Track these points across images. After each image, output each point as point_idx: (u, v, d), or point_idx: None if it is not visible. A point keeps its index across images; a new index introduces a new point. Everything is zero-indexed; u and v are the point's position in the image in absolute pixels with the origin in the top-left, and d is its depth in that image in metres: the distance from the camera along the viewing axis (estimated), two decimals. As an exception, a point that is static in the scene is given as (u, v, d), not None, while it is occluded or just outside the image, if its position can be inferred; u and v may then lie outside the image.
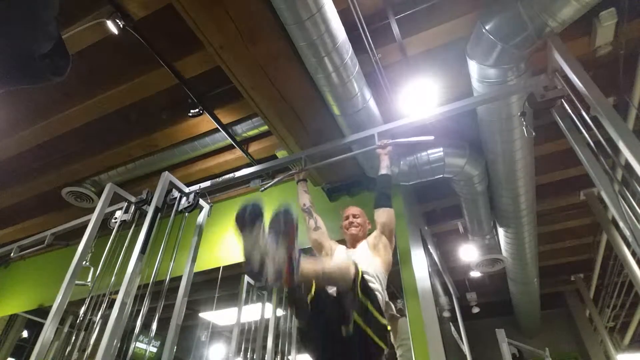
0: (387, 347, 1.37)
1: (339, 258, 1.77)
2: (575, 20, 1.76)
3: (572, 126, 1.68)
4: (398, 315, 2.18)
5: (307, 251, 2.04)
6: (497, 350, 3.44)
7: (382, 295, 1.53)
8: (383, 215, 1.79)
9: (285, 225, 1.05)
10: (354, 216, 1.94)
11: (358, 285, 1.27)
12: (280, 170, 2.52)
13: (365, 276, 1.42)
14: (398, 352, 2.19)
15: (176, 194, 2.38)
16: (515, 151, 2.50)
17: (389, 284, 1.69)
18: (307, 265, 1.12)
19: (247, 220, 1.06)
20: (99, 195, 3.19)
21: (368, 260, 1.66)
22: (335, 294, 1.36)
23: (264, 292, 3.35)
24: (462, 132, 2.71)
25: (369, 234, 1.90)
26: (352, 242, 1.88)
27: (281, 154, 2.90)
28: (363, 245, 1.80)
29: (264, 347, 3.22)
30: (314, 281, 1.26)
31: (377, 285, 1.53)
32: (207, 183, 2.41)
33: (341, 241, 1.98)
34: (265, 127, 2.64)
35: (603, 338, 5.31)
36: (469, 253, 3.80)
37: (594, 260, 4.78)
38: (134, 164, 3.17)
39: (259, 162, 2.99)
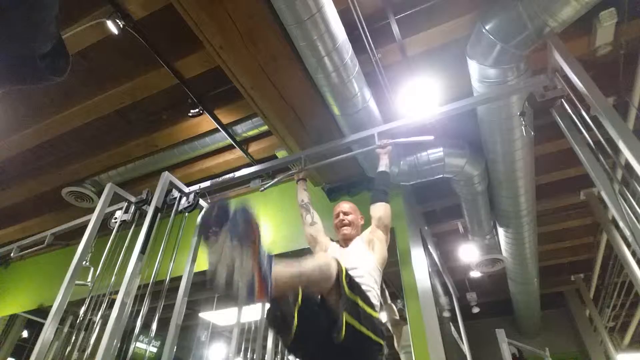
0: (384, 340, 1.29)
1: (319, 255, 1.63)
2: (575, 20, 1.76)
3: (572, 126, 1.68)
4: (403, 322, 2.18)
5: (306, 252, 2.04)
6: (497, 350, 3.44)
7: (375, 291, 1.50)
8: (379, 209, 1.77)
9: (245, 225, 0.90)
10: (345, 213, 1.89)
11: (343, 281, 1.15)
12: (280, 170, 2.52)
13: (352, 272, 1.32)
14: (402, 358, 2.19)
15: (176, 194, 2.38)
16: (515, 151, 2.50)
17: (389, 284, 1.68)
18: (282, 270, 0.97)
19: (213, 224, 0.91)
20: (99, 195, 3.19)
21: (362, 257, 1.64)
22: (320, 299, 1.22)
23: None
24: (462, 132, 2.71)
25: (364, 229, 1.88)
26: (344, 241, 1.85)
27: (281, 154, 2.90)
28: (357, 242, 1.77)
29: (264, 347, 3.22)
30: (300, 288, 1.09)
31: (368, 281, 1.50)
32: (207, 183, 2.41)
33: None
34: (265, 127, 2.64)
35: (603, 338, 5.31)
36: (469, 253, 3.80)
37: (594, 260, 4.78)
38: (134, 164, 3.17)
39: (259, 162, 2.99)
